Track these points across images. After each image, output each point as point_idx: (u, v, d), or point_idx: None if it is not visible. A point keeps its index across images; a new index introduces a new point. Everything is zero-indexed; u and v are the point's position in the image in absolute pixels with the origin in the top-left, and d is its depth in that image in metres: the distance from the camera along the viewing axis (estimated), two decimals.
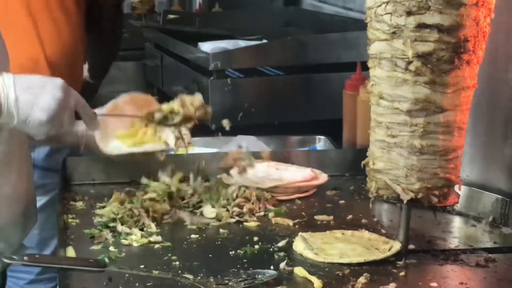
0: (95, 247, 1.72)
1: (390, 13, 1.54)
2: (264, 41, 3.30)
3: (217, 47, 3.08)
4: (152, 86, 3.69)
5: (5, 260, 1.49)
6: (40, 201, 2.24)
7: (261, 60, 2.98)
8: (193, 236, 1.79)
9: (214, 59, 2.84)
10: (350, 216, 1.91)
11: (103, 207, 1.93)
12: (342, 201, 2.03)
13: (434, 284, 1.55)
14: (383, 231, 1.82)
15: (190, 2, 4.62)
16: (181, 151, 1.99)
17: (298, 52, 2.95)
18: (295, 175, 2.07)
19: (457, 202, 1.67)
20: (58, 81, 1.65)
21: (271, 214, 1.91)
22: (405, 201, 1.61)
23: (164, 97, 3.34)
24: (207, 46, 3.09)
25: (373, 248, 1.69)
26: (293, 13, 3.99)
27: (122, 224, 1.81)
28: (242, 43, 3.19)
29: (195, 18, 3.63)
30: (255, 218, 1.88)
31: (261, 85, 2.94)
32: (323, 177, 2.12)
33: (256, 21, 3.82)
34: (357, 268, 1.61)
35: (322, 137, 2.58)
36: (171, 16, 3.92)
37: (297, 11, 4.03)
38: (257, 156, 2.20)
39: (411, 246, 1.70)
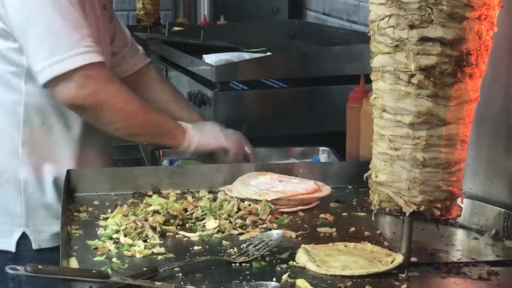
0: (98, 258, 1.72)
1: (393, 27, 1.55)
2: (269, 53, 3.31)
3: (222, 59, 3.08)
4: None
5: (9, 271, 1.50)
6: None
7: (265, 73, 2.98)
8: (196, 247, 1.79)
9: (219, 71, 2.85)
10: (352, 229, 1.91)
11: (107, 218, 1.93)
12: (345, 214, 2.03)
13: None
14: (385, 243, 1.82)
15: (195, 14, 4.64)
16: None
17: (302, 64, 2.95)
18: (298, 187, 2.08)
19: (460, 215, 1.67)
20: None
21: (274, 226, 1.92)
22: (407, 214, 1.61)
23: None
24: (211, 59, 3.10)
25: (376, 261, 1.69)
26: (298, 26, 4.00)
27: (125, 236, 1.81)
28: (246, 56, 3.20)
29: (200, 30, 3.64)
30: (258, 230, 1.89)
31: (265, 97, 2.94)
32: (326, 190, 2.12)
33: (261, 34, 3.83)
34: (359, 281, 1.61)
35: (326, 148, 2.58)
36: (176, 29, 3.94)
37: (301, 24, 4.04)
38: (261, 168, 2.21)
39: (414, 259, 1.70)
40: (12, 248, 2.27)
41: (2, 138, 2.25)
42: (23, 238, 2.26)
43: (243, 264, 1.69)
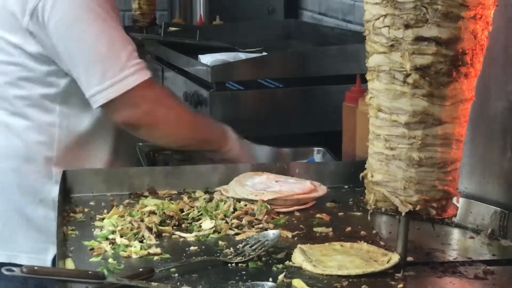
0: (94, 259, 1.72)
1: (388, 26, 1.55)
2: (264, 53, 3.31)
3: (218, 59, 3.09)
4: None
5: (4, 272, 1.50)
6: None
7: (261, 73, 2.99)
8: (192, 248, 1.79)
9: (214, 71, 2.85)
10: (349, 228, 1.91)
11: (103, 219, 1.93)
12: (341, 213, 2.03)
13: None
14: (381, 243, 1.82)
15: (191, 14, 4.64)
16: None
17: (298, 64, 2.96)
18: (294, 187, 2.08)
19: (456, 215, 1.67)
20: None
21: (270, 226, 1.92)
22: (403, 213, 1.61)
23: None
24: (207, 59, 3.10)
25: (372, 260, 1.69)
26: (293, 26, 4.00)
27: (121, 236, 1.81)
28: (242, 56, 3.20)
29: (196, 30, 3.65)
30: (254, 230, 1.89)
31: (261, 97, 2.95)
32: (322, 190, 2.12)
33: (257, 34, 3.84)
34: (355, 280, 1.61)
35: (320, 149, 2.58)
36: (172, 29, 3.94)
37: (297, 24, 4.04)
38: (257, 168, 2.21)
39: (410, 258, 1.70)
40: (48, 264, 2.30)
41: (36, 158, 2.30)
42: None
43: (239, 264, 1.69)
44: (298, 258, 1.69)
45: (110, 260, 1.71)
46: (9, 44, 2.25)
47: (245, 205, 2.00)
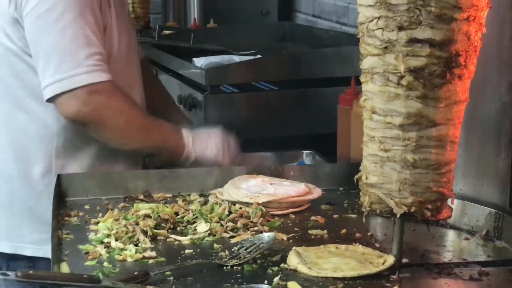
0: (89, 263, 1.72)
1: (382, 28, 1.55)
2: (259, 56, 3.31)
3: (212, 62, 3.09)
4: None
5: None
6: None
7: (255, 75, 2.99)
8: (187, 251, 1.79)
9: (209, 74, 2.85)
10: (344, 230, 1.91)
11: (98, 222, 1.93)
12: (336, 216, 2.03)
13: None
14: (377, 245, 1.83)
15: (185, 17, 4.63)
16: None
17: (292, 67, 2.96)
18: (289, 190, 2.08)
19: (450, 216, 1.67)
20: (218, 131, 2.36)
21: (265, 229, 1.92)
22: (398, 215, 1.61)
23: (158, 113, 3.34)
24: (201, 62, 3.10)
25: (367, 262, 1.69)
26: (288, 28, 4.00)
27: (116, 240, 1.81)
28: (236, 59, 3.20)
29: (190, 33, 3.65)
30: (249, 233, 1.89)
31: (255, 100, 2.95)
32: (317, 192, 2.12)
33: (251, 37, 3.84)
34: (351, 282, 1.61)
35: (310, 151, 2.58)
36: (166, 32, 3.93)
37: (292, 26, 4.05)
38: (252, 171, 2.21)
39: (405, 260, 1.71)
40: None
41: (36, 150, 2.32)
42: None
43: (235, 267, 1.69)
44: (293, 260, 1.69)
45: (105, 263, 1.71)
46: (7, 35, 2.28)
47: (240, 208, 2.00)
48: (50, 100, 2.21)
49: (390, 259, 1.65)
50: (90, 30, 2.21)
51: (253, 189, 2.08)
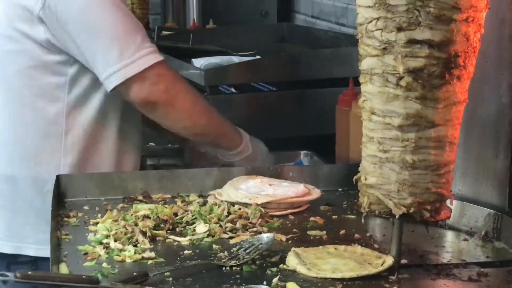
0: (88, 264, 1.72)
1: (381, 29, 1.55)
2: (258, 57, 3.31)
3: (211, 63, 3.08)
4: None
5: None
6: None
7: (254, 76, 2.99)
8: (186, 252, 1.79)
9: (208, 75, 2.85)
10: (343, 231, 1.91)
11: (97, 223, 1.93)
12: (335, 216, 2.03)
13: None
14: (376, 246, 1.83)
15: (184, 18, 4.63)
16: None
17: (291, 67, 2.96)
18: (288, 190, 2.08)
19: (449, 217, 1.67)
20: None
21: (264, 229, 1.92)
22: (397, 216, 1.61)
23: None
24: (200, 62, 3.10)
25: (366, 263, 1.69)
26: (287, 29, 4.00)
27: (115, 241, 1.81)
28: (235, 59, 3.20)
29: (189, 34, 3.64)
30: (248, 234, 1.89)
31: (254, 101, 2.95)
32: (316, 193, 2.12)
33: (250, 37, 3.83)
34: (349, 283, 1.61)
35: (308, 152, 2.58)
36: (165, 33, 3.93)
37: (290, 27, 4.04)
38: (251, 172, 2.21)
39: (404, 261, 1.71)
40: None
41: (43, 149, 2.32)
42: None
43: (234, 268, 1.69)
44: (292, 261, 1.69)
45: (104, 264, 1.71)
46: (18, 32, 2.28)
47: (239, 209, 2.00)
48: (116, 88, 2.22)
49: (389, 260, 1.65)
50: (132, 15, 2.27)
51: (252, 190, 2.08)
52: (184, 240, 1.85)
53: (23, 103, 2.32)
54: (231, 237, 1.87)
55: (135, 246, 1.80)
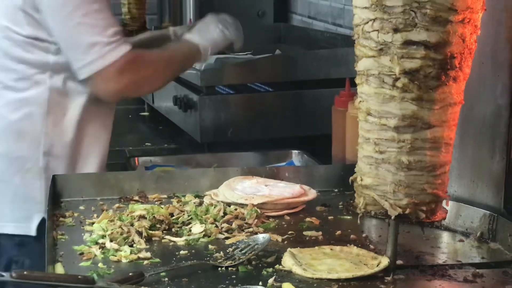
0: (84, 264, 1.72)
1: (377, 30, 1.55)
2: (254, 57, 3.30)
3: (207, 63, 3.08)
4: (143, 102, 3.70)
5: None
6: None
7: (250, 77, 2.99)
8: (182, 252, 1.79)
9: (204, 75, 2.85)
10: (338, 232, 1.92)
11: (93, 223, 1.93)
12: (330, 217, 2.03)
13: None
14: (371, 246, 1.83)
15: (181, 18, 4.63)
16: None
17: (287, 68, 2.96)
18: (284, 191, 2.08)
19: (445, 218, 1.68)
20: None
21: (260, 230, 1.92)
22: (393, 217, 1.61)
23: (155, 113, 3.36)
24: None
25: (362, 264, 1.69)
26: (283, 30, 4.00)
27: (111, 241, 1.81)
28: (232, 60, 3.19)
29: None
30: (244, 234, 1.89)
31: (251, 101, 2.95)
32: (312, 193, 2.12)
33: (246, 38, 3.83)
34: (345, 284, 1.61)
35: (298, 151, 2.58)
36: None
37: (287, 28, 4.05)
38: (247, 172, 2.21)
39: (400, 262, 1.71)
40: (32, 232, 2.39)
41: (25, 129, 2.37)
42: (42, 224, 2.33)
43: (230, 268, 1.69)
44: (288, 261, 1.69)
45: (100, 264, 1.71)
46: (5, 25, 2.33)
47: (235, 209, 2.00)
48: (86, 81, 2.32)
49: (384, 261, 1.66)
50: (106, 9, 2.31)
51: (248, 190, 2.08)
52: (180, 241, 1.85)
53: (7, 85, 2.36)
54: (227, 238, 1.87)
55: (131, 246, 1.80)
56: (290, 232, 1.91)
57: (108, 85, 2.32)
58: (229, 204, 2.03)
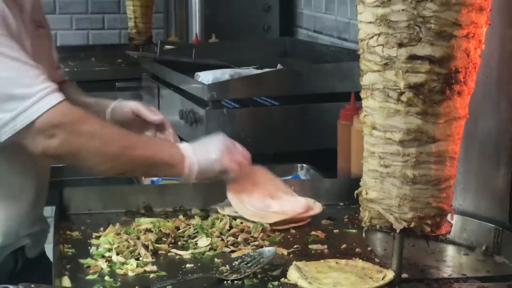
0: (90, 277, 1.73)
1: (382, 45, 1.56)
2: (260, 71, 3.32)
3: (213, 77, 3.09)
4: None
5: None
6: None
7: (256, 91, 3.00)
8: (188, 265, 1.80)
9: (210, 89, 2.86)
10: (344, 245, 1.92)
11: (99, 236, 1.94)
12: (336, 230, 2.04)
13: None
14: (376, 260, 1.83)
15: (187, 33, 4.65)
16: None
17: (293, 82, 2.97)
18: (295, 206, 2.07)
19: (450, 231, 1.68)
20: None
21: (266, 243, 1.92)
22: (398, 230, 1.62)
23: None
24: (203, 77, 3.10)
25: (367, 277, 1.70)
26: (289, 44, 4.01)
27: (117, 254, 1.81)
28: (238, 74, 3.21)
29: (192, 48, 3.65)
30: (249, 247, 1.89)
31: (256, 115, 2.95)
32: (318, 207, 2.13)
33: (252, 52, 3.84)
34: None
35: (304, 165, 2.58)
36: (168, 47, 3.95)
37: (293, 42, 4.06)
38: None
39: (405, 275, 1.71)
40: None
41: None
42: None
43: (235, 282, 1.70)
44: (293, 275, 1.70)
45: (107, 277, 1.72)
46: None
47: (241, 223, 2.01)
48: (12, 140, 1.92)
49: (390, 274, 1.66)
50: (20, 54, 1.94)
51: (257, 204, 2.07)
52: (186, 254, 1.86)
53: None
54: (232, 251, 1.88)
55: (137, 259, 1.81)
56: (295, 246, 1.92)
57: (37, 143, 1.91)
58: (234, 218, 2.04)
